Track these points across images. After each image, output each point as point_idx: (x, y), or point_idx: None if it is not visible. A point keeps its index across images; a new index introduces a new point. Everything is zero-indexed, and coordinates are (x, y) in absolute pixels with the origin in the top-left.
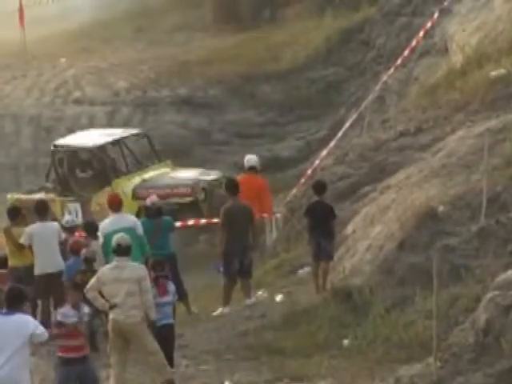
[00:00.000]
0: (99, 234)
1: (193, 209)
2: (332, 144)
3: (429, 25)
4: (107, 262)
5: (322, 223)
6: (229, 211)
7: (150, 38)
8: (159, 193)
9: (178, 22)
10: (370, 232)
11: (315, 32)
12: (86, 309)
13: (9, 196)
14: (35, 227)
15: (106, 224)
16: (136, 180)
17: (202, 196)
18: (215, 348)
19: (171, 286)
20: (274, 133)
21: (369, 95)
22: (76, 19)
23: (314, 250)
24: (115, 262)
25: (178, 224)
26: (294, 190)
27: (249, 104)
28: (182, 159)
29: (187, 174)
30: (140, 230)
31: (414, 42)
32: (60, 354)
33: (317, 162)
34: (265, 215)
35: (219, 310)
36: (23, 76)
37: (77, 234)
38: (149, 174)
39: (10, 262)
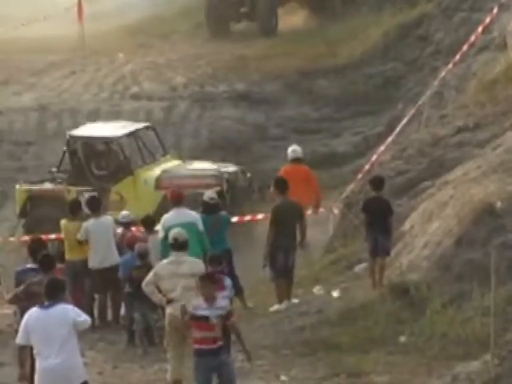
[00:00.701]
0: (160, 228)
1: None
2: (390, 139)
3: (487, 20)
4: (166, 257)
5: (379, 219)
6: (278, 209)
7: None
8: (184, 183)
9: None
10: (427, 228)
11: (373, 27)
12: (222, 302)
13: (18, 187)
14: (91, 223)
15: (167, 218)
16: (156, 171)
17: (225, 187)
18: (272, 343)
19: (228, 281)
20: (331, 128)
21: (427, 91)
22: (134, 14)
23: (371, 246)
24: (173, 256)
25: (234, 219)
26: (351, 186)
27: (306, 99)
28: (238, 154)
29: (207, 166)
30: (201, 226)
31: (472, 38)
32: (195, 346)
33: (374, 157)
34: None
35: (275, 306)
36: (81, 71)
37: (133, 228)
38: (167, 165)
39: (67, 256)
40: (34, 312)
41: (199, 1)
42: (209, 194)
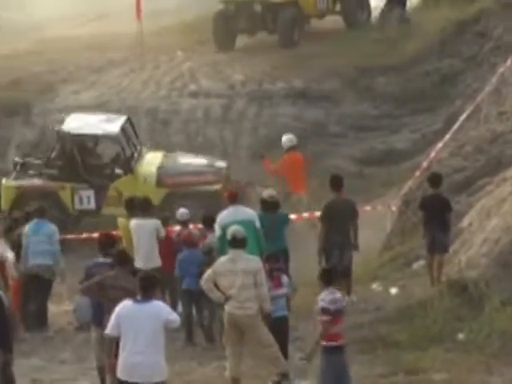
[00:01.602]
0: (216, 225)
1: (214, 197)
2: (448, 136)
3: None
4: (223, 254)
5: (437, 216)
6: (330, 206)
7: None
8: (185, 180)
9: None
10: (486, 225)
11: (431, 24)
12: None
13: (4, 182)
14: (135, 222)
15: (223, 216)
16: (151, 167)
17: (224, 183)
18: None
19: (285, 279)
20: (389, 125)
21: (485, 87)
22: (193, 11)
23: (429, 243)
24: (230, 254)
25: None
26: (409, 183)
27: (364, 96)
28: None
29: (200, 161)
30: (258, 223)
31: None
32: (323, 343)
33: (432, 154)
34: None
35: None
36: (140, 69)
37: (191, 226)
38: (156, 159)
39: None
40: (127, 305)
41: None
42: (268, 192)
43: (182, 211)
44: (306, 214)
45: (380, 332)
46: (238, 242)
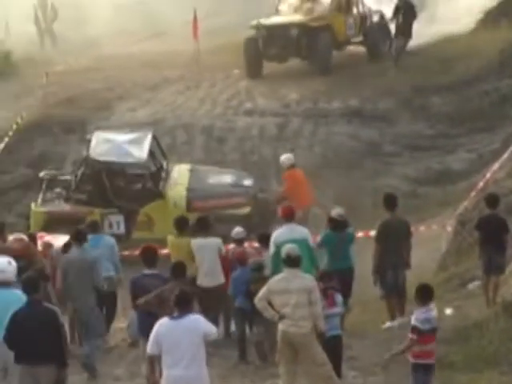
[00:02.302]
0: (271, 243)
1: (244, 220)
2: (505, 157)
3: None
4: (276, 272)
5: (494, 236)
6: (385, 225)
7: None
8: (216, 204)
9: None
10: None
11: (489, 44)
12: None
13: (33, 207)
14: (198, 241)
15: (278, 234)
16: (180, 189)
17: (253, 205)
18: (384, 360)
19: (339, 298)
20: (445, 145)
21: None
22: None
23: (485, 264)
24: (285, 272)
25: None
26: (465, 203)
27: (419, 116)
28: (352, 171)
29: (228, 180)
30: (312, 243)
31: None
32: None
33: (488, 174)
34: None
35: (387, 324)
36: (196, 87)
37: (246, 244)
38: (185, 178)
39: None
40: (164, 322)
41: None
42: (338, 211)
43: (237, 230)
44: (360, 233)
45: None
46: (292, 261)
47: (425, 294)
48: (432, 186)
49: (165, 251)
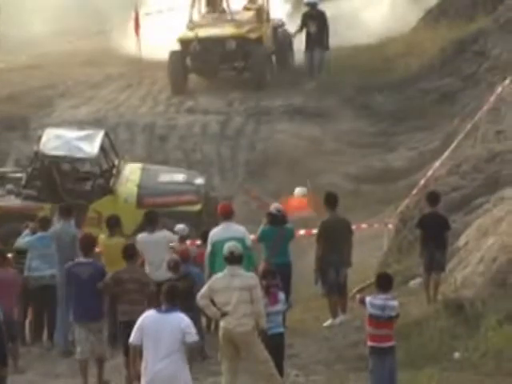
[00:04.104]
0: (208, 242)
1: (195, 217)
2: (445, 155)
3: None
4: (212, 271)
5: (435, 234)
6: (327, 224)
7: None
8: (166, 201)
9: None
10: (482, 244)
11: (429, 42)
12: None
13: None
14: (145, 236)
15: (215, 232)
16: (131, 186)
17: (203, 202)
18: (326, 358)
19: (282, 295)
20: (387, 143)
21: (483, 106)
22: None
23: (426, 262)
24: (226, 270)
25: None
26: (406, 201)
27: (361, 114)
28: (294, 168)
29: (179, 178)
30: (249, 241)
31: None
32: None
33: (430, 172)
34: None
35: (329, 321)
36: (138, 84)
37: (188, 242)
38: (136, 175)
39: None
40: (150, 314)
41: None
42: (276, 206)
43: (180, 227)
44: (302, 232)
45: None
46: (235, 258)
47: (384, 282)
48: (373, 183)
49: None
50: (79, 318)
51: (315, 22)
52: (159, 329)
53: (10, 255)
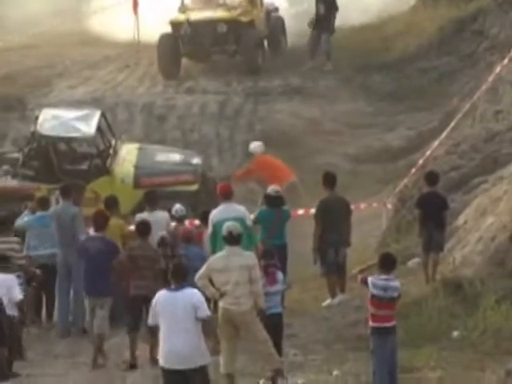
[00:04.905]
0: (209, 222)
1: (192, 197)
2: (444, 135)
3: None
4: (214, 251)
5: (434, 214)
6: (325, 203)
7: None
8: (163, 181)
9: None
10: (481, 223)
11: (428, 22)
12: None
13: None
14: (145, 216)
15: (215, 213)
16: (127, 166)
17: (200, 182)
18: (324, 338)
19: (280, 275)
20: (385, 123)
21: (482, 86)
22: None
23: (425, 241)
24: (226, 250)
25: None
26: (405, 181)
27: (360, 94)
28: (292, 148)
29: (176, 158)
30: (249, 221)
31: None
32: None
33: (428, 152)
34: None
35: (328, 301)
36: (136, 64)
37: (187, 222)
38: (133, 155)
39: None
40: (162, 294)
41: None
42: (273, 188)
43: (177, 207)
44: (301, 211)
45: None
46: (233, 238)
47: (387, 262)
48: (372, 163)
49: None
50: (87, 292)
51: (324, 4)
52: (172, 306)
53: None
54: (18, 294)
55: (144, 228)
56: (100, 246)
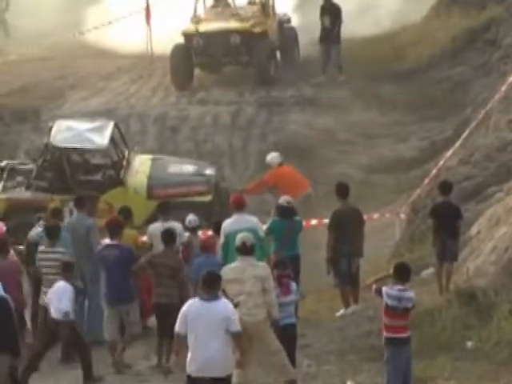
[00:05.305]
0: (221, 233)
1: (206, 208)
2: (457, 144)
3: None
4: (225, 262)
5: (448, 224)
6: (338, 214)
7: None
8: (176, 192)
9: None
10: (494, 233)
11: (441, 32)
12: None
13: None
14: (158, 226)
15: (228, 223)
16: (141, 177)
17: (214, 193)
18: (338, 348)
19: (294, 286)
20: (398, 133)
21: (495, 95)
22: None
23: (439, 251)
24: (239, 261)
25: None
26: (418, 191)
27: (373, 104)
28: (306, 159)
29: (190, 169)
30: (261, 232)
31: None
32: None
33: (441, 162)
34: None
35: (341, 312)
36: (149, 75)
37: (200, 233)
38: (146, 166)
39: None
40: (195, 303)
41: None
42: (285, 198)
43: (190, 218)
44: (314, 222)
45: None
46: (247, 249)
47: (402, 273)
48: (385, 173)
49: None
50: (108, 301)
51: (329, 16)
52: (206, 316)
53: (21, 247)
54: (65, 306)
55: (167, 236)
56: (117, 253)
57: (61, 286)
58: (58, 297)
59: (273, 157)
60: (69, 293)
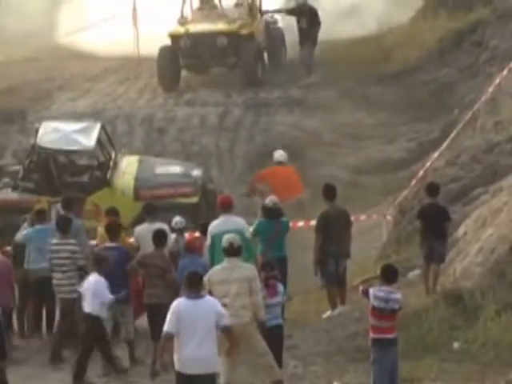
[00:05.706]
0: (207, 234)
1: (193, 209)
2: (444, 146)
3: None
4: (212, 263)
5: (435, 225)
6: (325, 216)
7: None
8: (163, 193)
9: None
10: (481, 234)
11: (428, 33)
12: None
13: None
14: (145, 227)
15: (214, 225)
16: (128, 178)
17: (200, 194)
18: (325, 349)
19: (280, 287)
20: (386, 134)
21: (481, 97)
22: None
23: (426, 252)
24: (225, 262)
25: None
26: (405, 192)
27: (360, 105)
28: (293, 160)
29: (176, 170)
30: (248, 234)
31: None
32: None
33: (428, 163)
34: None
35: (328, 313)
36: (136, 77)
37: (186, 235)
38: (133, 167)
39: None
40: (183, 301)
41: None
42: (272, 199)
43: (177, 219)
44: (301, 223)
45: None
46: (234, 250)
47: (389, 274)
48: (372, 175)
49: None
50: None
51: (306, 18)
52: (194, 314)
53: (8, 248)
54: (106, 298)
55: (159, 237)
56: (115, 254)
57: (96, 280)
58: (94, 291)
59: (280, 154)
60: (104, 285)
